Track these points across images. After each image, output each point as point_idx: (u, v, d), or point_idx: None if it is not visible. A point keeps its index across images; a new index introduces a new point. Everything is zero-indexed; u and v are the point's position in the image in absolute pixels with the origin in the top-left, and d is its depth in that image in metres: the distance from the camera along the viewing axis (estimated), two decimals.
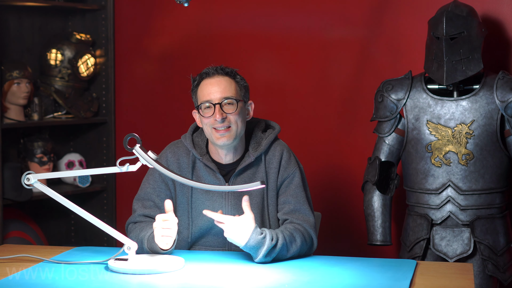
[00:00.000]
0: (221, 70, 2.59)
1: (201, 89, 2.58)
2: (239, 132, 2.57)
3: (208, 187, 2.42)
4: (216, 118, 2.52)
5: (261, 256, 2.40)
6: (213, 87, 2.56)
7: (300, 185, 2.64)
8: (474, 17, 3.10)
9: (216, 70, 2.59)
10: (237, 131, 2.56)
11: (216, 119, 2.53)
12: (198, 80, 2.60)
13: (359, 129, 3.71)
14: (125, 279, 2.27)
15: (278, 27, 3.87)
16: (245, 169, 2.62)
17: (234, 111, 2.55)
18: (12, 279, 2.24)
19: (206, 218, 2.60)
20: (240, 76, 2.62)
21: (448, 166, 3.09)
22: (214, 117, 2.53)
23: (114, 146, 4.22)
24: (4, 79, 3.79)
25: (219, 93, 2.55)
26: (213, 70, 2.59)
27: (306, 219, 2.59)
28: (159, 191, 2.63)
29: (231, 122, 2.55)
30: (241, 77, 2.62)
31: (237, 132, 2.57)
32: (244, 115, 2.59)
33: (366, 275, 2.30)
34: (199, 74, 2.61)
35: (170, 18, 4.07)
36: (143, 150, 2.36)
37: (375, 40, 3.69)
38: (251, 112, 2.65)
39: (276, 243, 2.42)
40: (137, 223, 2.60)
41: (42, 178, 2.48)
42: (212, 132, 2.56)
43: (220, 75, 2.58)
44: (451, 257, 3.11)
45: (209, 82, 2.57)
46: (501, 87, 3.07)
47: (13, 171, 3.74)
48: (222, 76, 2.58)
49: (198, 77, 2.61)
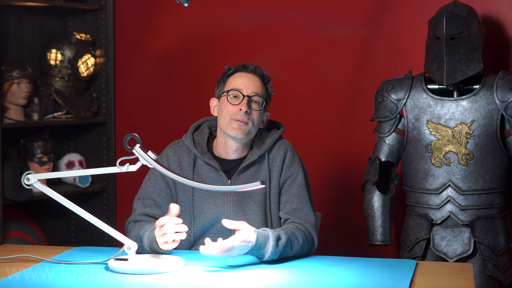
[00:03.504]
0: (259, 70, 2.65)
1: (234, 78, 2.63)
2: (251, 132, 2.61)
3: (209, 187, 2.42)
4: (242, 108, 2.56)
5: (269, 252, 2.38)
6: (247, 80, 2.61)
7: (303, 184, 2.64)
8: (474, 17, 3.10)
9: (255, 68, 2.65)
10: (251, 129, 2.60)
11: (241, 109, 2.56)
12: (233, 70, 2.65)
13: (359, 129, 3.71)
14: (125, 279, 2.27)
15: (278, 27, 3.87)
16: (248, 167, 2.63)
17: (258, 109, 2.60)
18: (12, 279, 2.24)
19: (208, 216, 2.61)
20: (271, 84, 2.68)
21: (448, 166, 3.09)
22: (240, 107, 2.56)
23: (114, 146, 4.22)
24: (4, 79, 3.79)
25: (252, 88, 2.60)
26: (253, 67, 2.65)
27: (308, 219, 2.59)
28: (160, 190, 2.64)
29: (251, 119, 2.58)
30: (271, 85, 2.69)
31: (251, 130, 2.60)
32: (261, 119, 2.64)
33: (366, 275, 2.30)
34: (236, 66, 2.66)
35: (170, 18, 4.07)
36: (143, 150, 2.36)
37: (375, 40, 3.69)
38: (265, 121, 2.69)
39: (280, 238, 2.42)
40: (137, 222, 2.60)
41: (42, 178, 2.48)
42: (230, 122, 2.58)
43: (257, 75, 2.64)
44: (451, 257, 3.11)
45: (245, 75, 2.63)
46: (501, 87, 3.07)
47: (13, 171, 3.74)
48: (257, 76, 2.64)
49: (235, 67, 2.66)
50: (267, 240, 2.39)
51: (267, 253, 2.39)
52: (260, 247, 2.38)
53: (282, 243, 2.42)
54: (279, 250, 2.41)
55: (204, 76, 4.00)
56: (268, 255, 2.39)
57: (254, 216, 2.61)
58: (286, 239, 2.44)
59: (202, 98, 3.94)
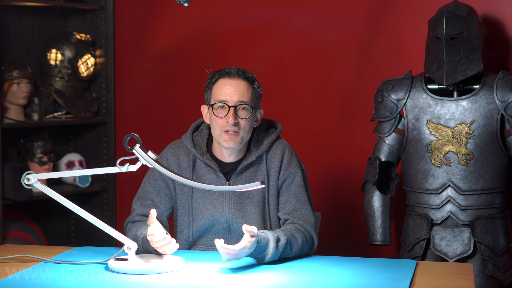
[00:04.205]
0: (242, 73, 2.57)
1: (218, 87, 2.57)
2: (245, 138, 2.58)
3: (208, 187, 2.42)
4: (229, 121, 2.52)
5: (269, 254, 2.38)
6: (231, 88, 2.55)
7: (301, 184, 2.64)
8: (474, 17, 3.10)
9: (237, 72, 2.57)
10: (243, 136, 2.57)
11: (228, 122, 2.52)
12: (216, 77, 2.58)
13: (359, 129, 3.71)
14: (125, 279, 2.27)
15: (278, 27, 3.87)
16: (246, 168, 2.62)
17: (247, 117, 2.55)
18: (12, 279, 2.24)
19: (207, 217, 2.60)
20: (257, 83, 2.62)
21: (448, 166, 3.09)
22: (226, 119, 2.53)
23: (114, 146, 4.22)
24: (4, 79, 3.79)
25: (236, 96, 2.54)
26: (235, 71, 2.57)
27: (307, 219, 2.59)
28: (159, 190, 2.64)
29: (241, 128, 2.54)
30: (258, 84, 2.62)
31: (244, 137, 2.57)
32: (253, 122, 2.60)
33: (366, 275, 2.30)
34: (219, 71, 2.59)
35: (170, 18, 4.07)
36: (143, 150, 2.36)
37: (375, 40, 3.69)
38: (259, 119, 2.65)
39: (279, 239, 2.42)
40: (135, 222, 2.61)
41: (42, 178, 2.48)
42: (221, 134, 2.55)
43: (240, 79, 2.57)
44: (451, 257, 3.10)
45: (228, 82, 2.56)
46: (501, 87, 3.07)
47: (13, 171, 3.74)
48: (241, 80, 2.57)
49: (218, 74, 2.59)
50: (267, 242, 2.39)
51: (268, 255, 2.39)
52: (261, 250, 2.37)
53: (282, 244, 2.42)
54: (279, 252, 2.42)
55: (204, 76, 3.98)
56: (269, 257, 2.39)
57: (253, 217, 2.61)
58: (285, 240, 2.44)
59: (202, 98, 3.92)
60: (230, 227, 2.61)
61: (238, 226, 2.59)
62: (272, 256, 2.39)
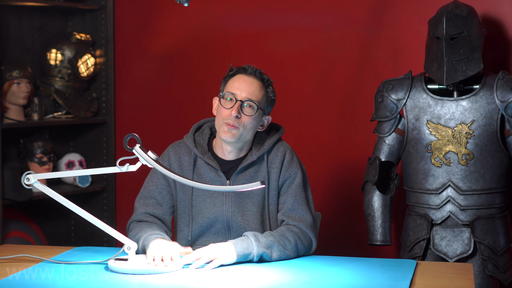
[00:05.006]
0: (259, 73, 2.63)
1: (232, 81, 2.62)
2: (244, 136, 2.59)
3: (209, 187, 2.43)
4: (232, 113, 2.55)
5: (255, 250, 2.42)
6: (244, 84, 2.60)
7: (300, 185, 2.64)
8: (474, 17, 3.10)
9: (254, 71, 2.63)
10: (242, 134, 2.58)
11: (231, 113, 2.55)
12: (234, 72, 2.64)
13: (359, 129, 3.71)
14: (125, 279, 2.27)
15: (278, 27, 3.87)
16: (247, 168, 2.63)
17: (251, 114, 2.58)
18: (12, 279, 2.24)
19: (206, 216, 2.61)
20: (272, 89, 2.67)
21: (448, 166, 3.09)
22: (231, 111, 2.55)
23: (114, 146, 4.22)
24: (4, 79, 3.79)
25: (246, 93, 2.59)
26: (252, 70, 2.63)
27: (303, 219, 2.59)
28: (162, 189, 2.65)
29: (242, 124, 2.57)
30: (273, 90, 2.67)
31: (242, 135, 2.58)
32: (257, 124, 2.62)
33: (366, 275, 2.30)
34: (238, 67, 2.65)
35: (170, 18, 4.07)
36: (143, 150, 2.36)
37: (375, 40, 3.69)
38: (265, 125, 2.67)
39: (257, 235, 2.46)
40: (139, 222, 2.61)
41: (42, 178, 2.48)
42: (222, 125, 2.58)
43: (255, 78, 2.62)
44: (451, 257, 3.10)
45: (243, 79, 2.61)
46: (501, 87, 3.07)
47: (13, 171, 3.74)
48: (256, 79, 2.62)
49: (236, 69, 2.64)
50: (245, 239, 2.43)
51: (254, 251, 2.42)
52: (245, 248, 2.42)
53: (263, 236, 2.46)
54: (264, 245, 2.44)
55: (204, 76, 4.00)
56: (256, 252, 2.42)
57: (252, 217, 2.62)
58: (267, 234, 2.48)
59: (202, 98, 3.95)
60: (230, 226, 2.62)
61: (238, 225, 2.61)
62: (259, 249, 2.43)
